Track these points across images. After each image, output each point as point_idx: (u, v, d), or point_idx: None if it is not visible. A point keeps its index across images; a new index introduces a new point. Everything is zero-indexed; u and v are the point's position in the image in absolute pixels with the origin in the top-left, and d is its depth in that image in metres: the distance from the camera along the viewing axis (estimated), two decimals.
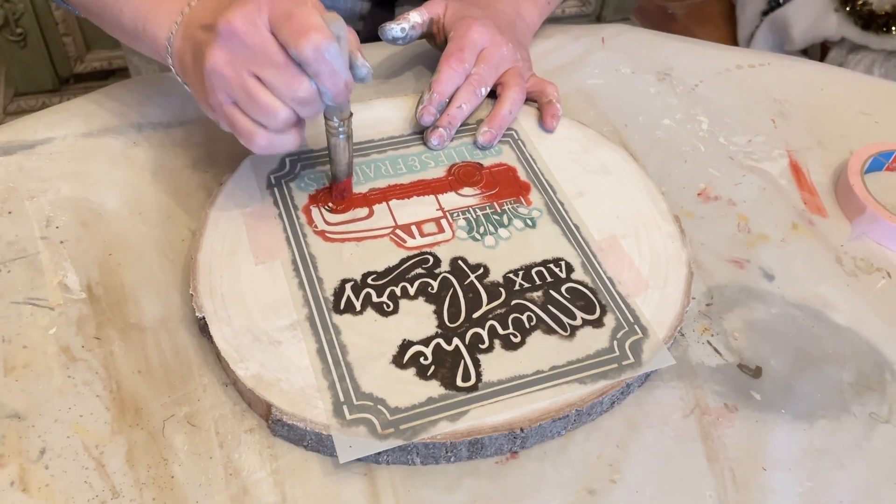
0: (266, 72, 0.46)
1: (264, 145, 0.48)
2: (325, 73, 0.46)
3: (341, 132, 0.52)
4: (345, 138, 0.53)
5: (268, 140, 0.48)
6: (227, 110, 0.48)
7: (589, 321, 0.51)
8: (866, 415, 0.51)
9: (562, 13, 2.09)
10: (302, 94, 0.46)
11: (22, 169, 0.59)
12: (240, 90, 0.46)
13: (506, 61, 0.64)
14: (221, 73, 0.46)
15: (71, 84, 1.76)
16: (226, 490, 0.44)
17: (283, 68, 0.45)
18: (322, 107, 0.49)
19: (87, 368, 0.49)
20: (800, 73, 0.76)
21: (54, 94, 1.75)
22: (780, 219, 0.62)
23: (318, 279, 0.52)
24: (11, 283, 0.52)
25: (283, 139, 0.49)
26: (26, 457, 0.45)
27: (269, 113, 0.47)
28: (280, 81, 0.46)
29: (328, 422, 0.45)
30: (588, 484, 0.46)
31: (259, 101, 0.46)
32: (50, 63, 1.69)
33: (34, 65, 1.67)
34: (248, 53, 0.45)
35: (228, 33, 0.45)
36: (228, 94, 0.47)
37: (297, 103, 0.47)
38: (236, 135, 0.49)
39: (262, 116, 0.47)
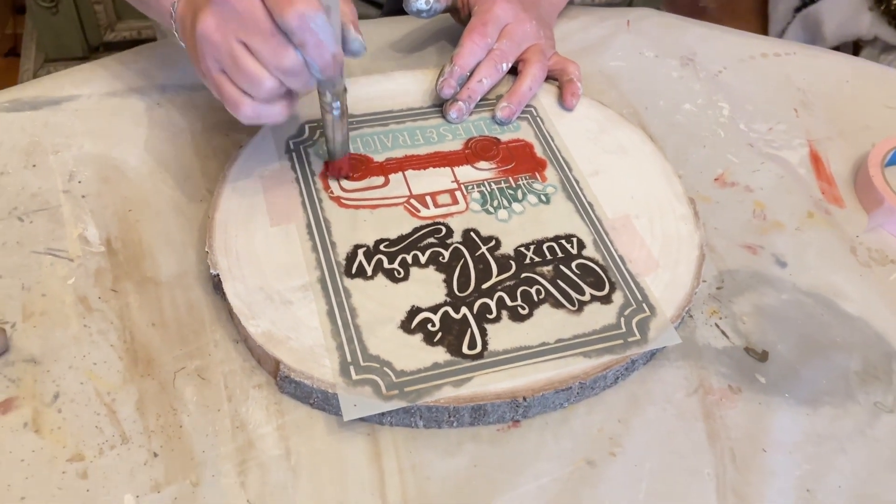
0: (253, 39, 0.45)
1: (250, 115, 0.48)
2: (310, 43, 0.45)
3: (335, 108, 0.51)
4: (338, 115, 0.52)
5: (253, 110, 0.47)
6: (216, 77, 0.47)
7: (597, 297, 0.51)
8: (871, 403, 0.51)
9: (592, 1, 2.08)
10: (287, 64, 0.45)
11: (47, 124, 0.60)
12: (227, 56, 0.45)
13: (528, 38, 0.64)
14: (210, 39, 0.45)
15: (100, 52, 1.78)
16: (232, 442, 0.45)
17: (270, 36, 0.44)
18: (311, 79, 0.47)
19: (103, 319, 0.50)
20: (825, 64, 0.75)
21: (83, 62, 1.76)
22: (796, 207, 0.62)
23: (332, 243, 0.52)
24: (33, 233, 0.54)
25: (270, 110, 0.48)
26: (40, 400, 0.46)
27: (255, 82, 0.46)
28: (266, 50, 0.45)
29: (334, 380, 0.46)
30: (587, 455, 0.47)
31: (244, 69, 0.45)
32: (81, 30, 1.71)
33: (65, 32, 1.69)
34: (237, 20, 0.45)
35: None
36: (217, 60, 0.46)
37: (282, 73, 0.46)
38: (223, 102, 0.48)
39: (247, 85, 0.46)
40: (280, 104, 0.48)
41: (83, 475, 0.43)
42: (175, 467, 0.44)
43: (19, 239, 0.53)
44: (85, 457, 0.44)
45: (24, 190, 0.56)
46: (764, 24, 2.24)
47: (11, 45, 1.87)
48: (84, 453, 0.44)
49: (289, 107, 0.49)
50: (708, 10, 2.32)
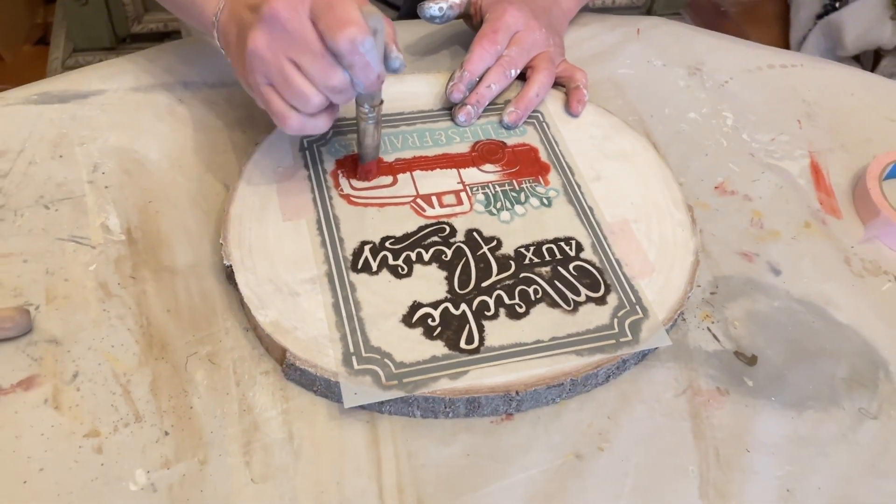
0: (303, 59, 0.48)
1: (296, 127, 0.51)
2: (358, 65, 0.48)
3: (371, 118, 0.55)
4: (373, 124, 0.55)
5: (300, 123, 0.51)
6: (264, 91, 0.50)
7: (592, 298, 0.53)
8: (855, 409, 0.53)
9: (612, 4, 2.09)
10: (335, 84, 0.48)
11: (75, 117, 0.63)
12: (277, 74, 0.49)
13: (537, 46, 0.66)
14: (261, 56, 0.48)
15: (127, 43, 1.82)
16: (238, 424, 0.48)
17: (320, 57, 0.47)
18: (354, 94, 0.51)
19: (121, 304, 0.52)
20: (831, 77, 0.77)
21: (111, 52, 1.80)
22: (793, 217, 0.64)
23: (340, 239, 0.55)
24: (58, 220, 0.56)
25: (315, 122, 0.51)
26: (60, 378, 0.49)
27: (303, 98, 0.49)
28: (315, 69, 0.48)
29: (337, 370, 0.48)
30: (576, 449, 0.49)
31: (294, 87, 0.48)
32: (109, 22, 1.75)
33: (93, 23, 1.73)
34: (288, 39, 0.47)
35: (271, 18, 0.47)
36: (266, 75, 0.49)
37: (329, 91, 0.49)
38: (270, 114, 0.51)
39: (296, 100, 0.49)
40: (323, 116, 0.52)
41: (98, 450, 0.46)
42: (184, 446, 0.47)
43: (45, 226, 0.56)
44: (100, 433, 0.47)
45: (50, 179, 0.59)
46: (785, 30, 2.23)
47: (41, 35, 1.92)
48: (100, 430, 0.47)
49: (331, 119, 0.53)
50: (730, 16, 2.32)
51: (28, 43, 1.90)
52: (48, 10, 1.95)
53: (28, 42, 1.90)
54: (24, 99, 0.64)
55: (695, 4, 2.32)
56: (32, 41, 1.90)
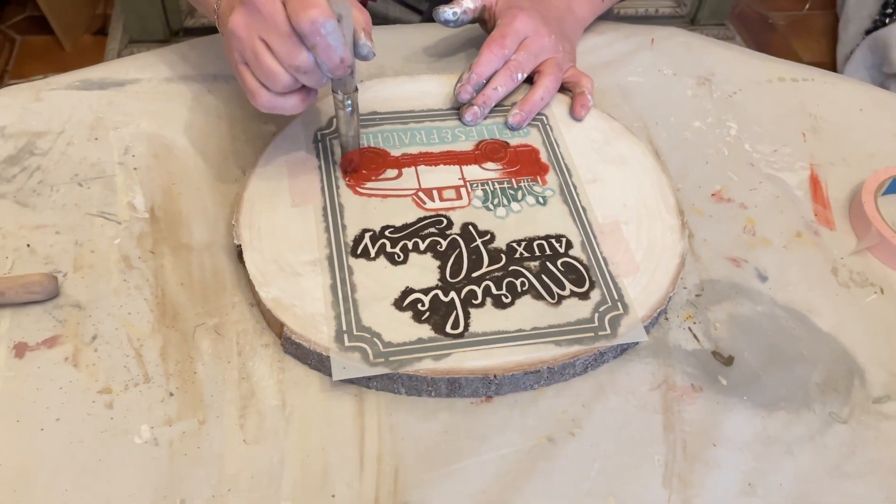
0: (272, 39, 0.51)
1: (265, 105, 0.54)
2: (320, 46, 0.51)
3: (347, 105, 0.58)
4: (350, 112, 0.58)
5: (269, 100, 0.54)
6: (240, 68, 0.54)
7: (576, 293, 0.56)
8: (826, 413, 0.55)
9: (655, 13, 2.10)
10: (299, 63, 0.51)
11: (111, 103, 0.68)
12: (249, 52, 0.52)
13: (545, 51, 0.69)
14: (238, 35, 0.53)
15: (180, 37, 1.90)
16: (237, 390, 0.52)
17: (286, 38, 0.51)
18: (324, 78, 0.53)
19: (140, 276, 0.57)
20: (842, 92, 0.78)
21: (164, 44, 1.86)
22: (786, 226, 0.66)
23: (343, 226, 0.59)
24: (89, 197, 0.62)
25: (285, 102, 0.54)
26: (81, 339, 0.53)
27: (271, 76, 0.52)
28: (282, 49, 0.51)
29: (329, 345, 0.52)
30: (549, 433, 0.52)
31: (263, 65, 0.52)
32: (163, 15, 1.82)
33: (149, 16, 1.81)
34: (261, 20, 0.51)
35: (248, 0, 0.51)
36: (241, 53, 0.53)
37: (295, 71, 0.52)
38: (244, 91, 0.55)
39: (265, 78, 0.53)
40: (295, 97, 0.55)
41: (109, 405, 0.51)
42: (186, 406, 0.51)
43: (77, 202, 0.61)
44: (112, 390, 0.51)
45: (85, 160, 0.64)
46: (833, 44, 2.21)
47: (100, 25, 2.01)
48: (112, 387, 0.51)
49: (304, 101, 0.55)
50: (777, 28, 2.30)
51: (87, 33, 1.99)
52: (108, 2, 2.05)
53: (87, 32, 1.99)
54: (67, 84, 0.69)
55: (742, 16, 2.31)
56: (92, 31, 1.99)
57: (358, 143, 0.61)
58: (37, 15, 1.94)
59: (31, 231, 0.59)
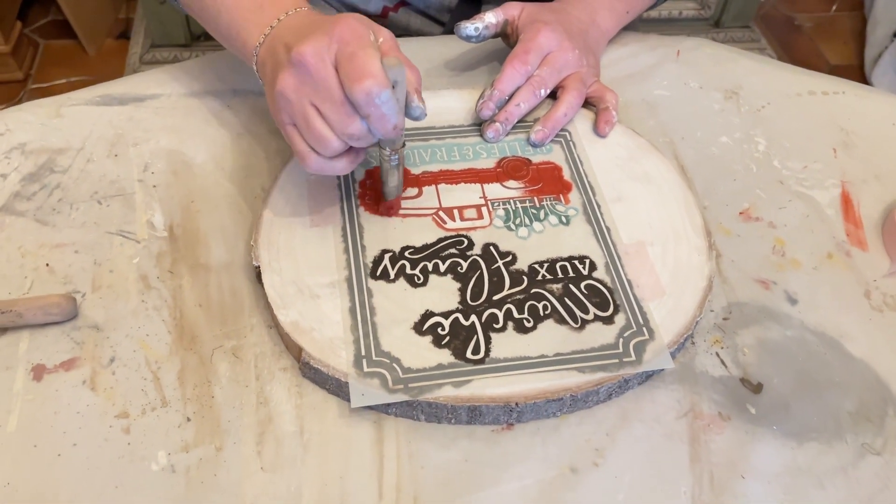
0: (324, 105, 0.50)
1: (315, 168, 0.53)
2: (374, 116, 0.50)
3: (393, 161, 0.57)
4: (395, 166, 0.57)
5: (318, 164, 0.53)
6: (288, 130, 0.53)
7: (600, 317, 0.55)
8: (858, 444, 0.53)
9: (679, 15, 2.07)
10: (352, 132, 0.51)
11: (131, 119, 0.68)
12: (300, 116, 0.51)
13: (569, 66, 0.67)
14: (287, 97, 0.51)
15: (201, 41, 1.90)
16: (255, 415, 0.51)
17: (339, 105, 0.50)
18: (374, 140, 0.53)
19: (159, 296, 0.57)
20: (874, 105, 0.76)
21: (185, 49, 1.89)
22: (816, 247, 0.64)
23: (362, 247, 0.58)
24: (109, 215, 0.61)
25: (335, 164, 0.54)
26: (98, 362, 0.53)
27: (322, 142, 0.51)
28: (334, 116, 0.50)
29: (347, 370, 0.51)
30: (572, 463, 0.51)
31: (314, 131, 0.51)
32: (185, 20, 1.83)
33: (170, 20, 1.81)
34: (312, 84, 0.50)
35: (299, 63, 0.50)
36: (291, 116, 0.52)
37: (347, 138, 0.51)
38: (293, 153, 0.54)
39: (315, 143, 0.52)
40: (344, 160, 0.54)
41: (126, 430, 0.50)
42: (203, 432, 0.50)
43: (97, 220, 0.61)
44: (129, 415, 0.51)
45: (104, 177, 0.64)
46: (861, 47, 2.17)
47: (123, 29, 2.02)
48: (129, 412, 0.51)
49: (352, 162, 0.55)
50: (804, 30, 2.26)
51: (110, 37, 2.00)
52: (130, 7, 2.06)
53: (110, 36, 2.00)
54: (87, 100, 0.69)
55: (767, 17, 2.27)
56: (114, 35, 2.01)
57: (400, 192, 0.60)
58: (60, 19, 1.96)
59: (50, 250, 0.59)
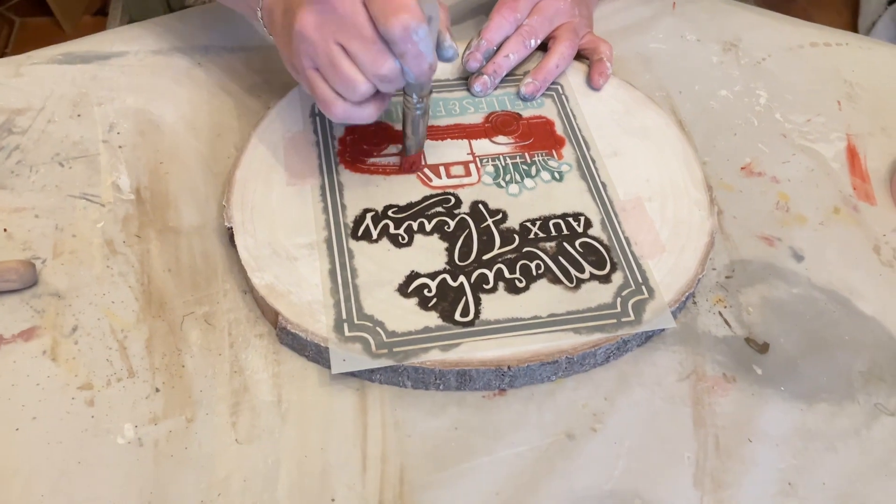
0: (353, 44, 0.45)
1: (341, 115, 0.48)
2: (410, 53, 0.45)
3: (419, 108, 0.52)
4: (421, 114, 0.53)
5: (345, 111, 0.48)
6: (310, 75, 0.48)
7: (597, 276, 0.52)
8: (871, 405, 0.50)
9: None
10: (385, 72, 0.46)
11: (95, 77, 0.64)
12: (324, 57, 0.46)
13: (561, 15, 0.64)
14: (309, 38, 0.46)
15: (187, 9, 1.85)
16: (228, 385, 0.48)
17: (370, 43, 0.45)
18: (403, 83, 0.48)
19: (125, 262, 0.53)
20: (878, 57, 0.73)
21: None
22: (822, 201, 0.61)
23: (343, 206, 0.54)
24: (71, 178, 0.57)
25: (361, 111, 0.49)
26: (60, 331, 0.49)
27: (350, 85, 0.46)
28: (365, 56, 0.45)
29: (327, 335, 0.48)
30: (568, 429, 0.48)
31: (342, 73, 0.46)
32: None
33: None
34: (337, 21, 0.45)
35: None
36: (313, 59, 0.47)
37: (378, 79, 0.46)
38: (315, 100, 0.49)
39: (342, 87, 0.47)
40: (371, 106, 0.49)
41: (90, 403, 0.47)
42: (173, 403, 0.47)
43: (58, 183, 0.57)
44: (93, 386, 0.47)
45: (67, 138, 0.60)
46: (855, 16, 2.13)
47: (100, 5, 1.96)
48: (93, 383, 0.47)
49: (379, 108, 0.50)
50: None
51: (87, 14, 1.94)
52: None
53: (87, 13, 1.94)
54: (49, 58, 0.65)
55: None
56: (91, 12, 1.95)
57: (423, 144, 0.56)
58: None
59: (8, 214, 0.55)
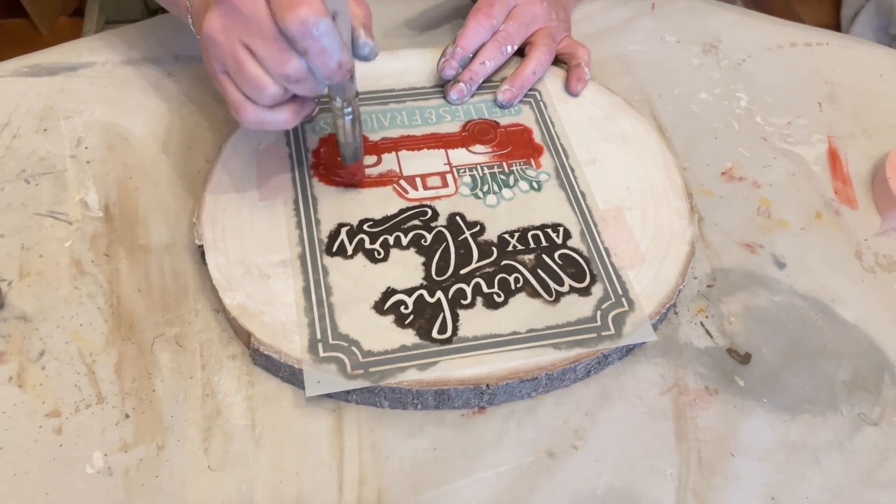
0: (256, 43, 0.43)
1: (252, 120, 0.46)
2: (313, 50, 0.42)
3: (346, 113, 0.50)
4: (350, 120, 0.50)
5: (256, 115, 0.46)
6: (220, 79, 0.46)
7: (576, 289, 0.51)
8: (854, 415, 0.49)
9: None
10: (289, 71, 0.43)
11: (62, 90, 0.62)
12: (230, 59, 0.44)
13: (538, 20, 0.63)
14: (215, 39, 0.44)
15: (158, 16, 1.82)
16: (200, 409, 0.47)
17: (272, 42, 0.42)
18: (319, 85, 0.45)
19: (94, 282, 0.52)
20: (859, 56, 0.72)
21: None
22: (804, 206, 0.60)
23: (316, 220, 0.53)
24: (38, 195, 0.56)
25: (275, 116, 0.46)
26: (27, 356, 0.48)
27: (257, 87, 0.44)
28: (268, 55, 0.43)
29: (302, 356, 0.47)
30: (549, 447, 0.47)
31: (247, 74, 0.44)
32: None
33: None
34: (242, 21, 0.43)
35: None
36: (221, 62, 0.45)
37: (284, 80, 0.44)
38: (228, 105, 0.47)
39: (249, 90, 0.45)
40: (286, 110, 0.47)
41: (58, 430, 0.45)
42: (143, 429, 0.46)
43: (24, 200, 0.55)
44: (61, 413, 0.46)
45: (33, 153, 0.58)
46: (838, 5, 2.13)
47: (77, 6, 1.93)
48: (61, 410, 0.46)
49: (297, 113, 0.47)
50: None
51: (64, 14, 1.91)
52: None
53: (64, 13, 1.91)
54: (14, 71, 0.63)
55: None
56: (68, 12, 1.92)
57: (361, 154, 0.53)
58: None
59: None
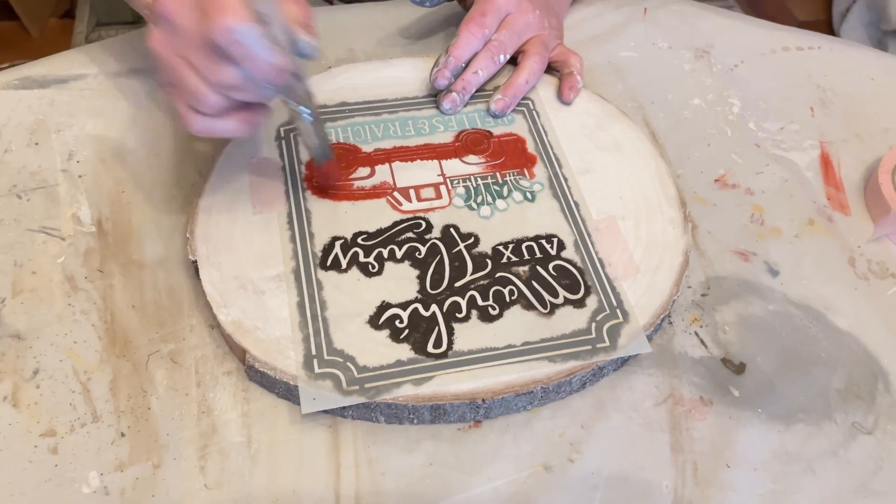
0: (191, 54, 0.43)
1: (200, 129, 0.46)
2: (241, 57, 0.42)
3: (303, 113, 0.49)
4: (309, 122, 0.50)
5: (202, 124, 0.46)
6: (168, 90, 0.46)
7: (571, 301, 0.51)
8: (849, 424, 0.50)
9: None
10: (224, 80, 0.43)
11: (53, 103, 0.62)
12: (171, 72, 0.44)
13: (530, 29, 0.62)
14: (158, 54, 0.44)
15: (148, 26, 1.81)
16: (196, 426, 0.47)
17: (204, 52, 0.42)
18: (265, 90, 0.45)
19: (87, 298, 0.51)
20: (851, 60, 0.72)
21: (133, 26, 1.80)
22: (797, 213, 0.60)
23: (310, 234, 0.53)
24: (30, 211, 0.56)
25: (224, 124, 0.46)
26: (21, 375, 0.48)
27: (198, 98, 0.44)
28: (202, 66, 0.43)
29: (297, 373, 0.46)
30: (546, 460, 0.47)
31: (187, 86, 0.44)
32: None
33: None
34: (178, 34, 0.43)
35: (160, 14, 0.43)
36: (166, 75, 0.45)
37: (223, 88, 0.44)
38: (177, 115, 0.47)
39: (192, 101, 0.44)
40: (234, 118, 0.46)
41: (53, 450, 0.45)
42: (139, 448, 0.46)
43: (16, 216, 0.55)
44: (57, 432, 0.46)
45: (24, 168, 0.58)
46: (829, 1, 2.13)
47: (68, 7, 1.92)
48: (56, 429, 0.46)
49: (247, 121, 0.47)
50: None
51: (54, 16, 1.90)
52: None
53: (54, 15, 1.90)
54: (5, 84, 0.63)
55: None
56: (59, 14, 1.91)
57: (329, 152, 0.53)
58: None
59: None
